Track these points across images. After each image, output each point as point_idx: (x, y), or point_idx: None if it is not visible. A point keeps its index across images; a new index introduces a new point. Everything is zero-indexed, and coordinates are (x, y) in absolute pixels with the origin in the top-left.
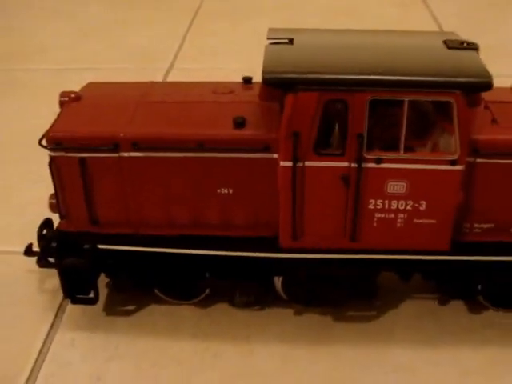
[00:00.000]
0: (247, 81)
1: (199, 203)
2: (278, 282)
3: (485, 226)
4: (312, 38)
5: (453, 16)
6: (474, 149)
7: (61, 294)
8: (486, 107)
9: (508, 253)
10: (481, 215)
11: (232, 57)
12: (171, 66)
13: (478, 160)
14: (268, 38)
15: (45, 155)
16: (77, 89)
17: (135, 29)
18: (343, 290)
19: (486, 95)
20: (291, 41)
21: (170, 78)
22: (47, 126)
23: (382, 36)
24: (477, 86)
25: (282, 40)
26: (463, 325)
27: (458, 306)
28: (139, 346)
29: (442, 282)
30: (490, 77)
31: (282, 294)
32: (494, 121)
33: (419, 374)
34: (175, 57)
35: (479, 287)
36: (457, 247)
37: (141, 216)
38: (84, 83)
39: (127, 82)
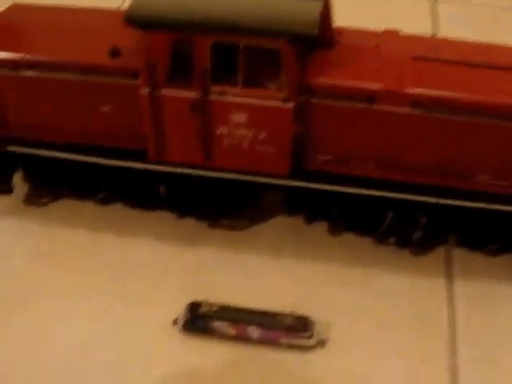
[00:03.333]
0: None
1: (85, 118)
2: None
3: (325, 157)
4: None
5: None
6: (309, 90)
7: None
8: (341, 50)
9: (347, 184)
10: (321, 148)
11: None
12: None
13: (314, 100)
14: None
15: None
16: None
17: None
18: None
19: (348, 38)
20: None
21: None
22: None
23: None
24: (300, 36)
25: None
26: (317, 241)
27: (321, 226)
28: (43, 231)
29: (294, 205)
30: (315, 29)
31: (166, 201)
32: (336, 65)
33: (263, 277)
34: None
35: (334, 212)
36: (301, 173)
37: (41, 124)
38: None
39: (48, 6)
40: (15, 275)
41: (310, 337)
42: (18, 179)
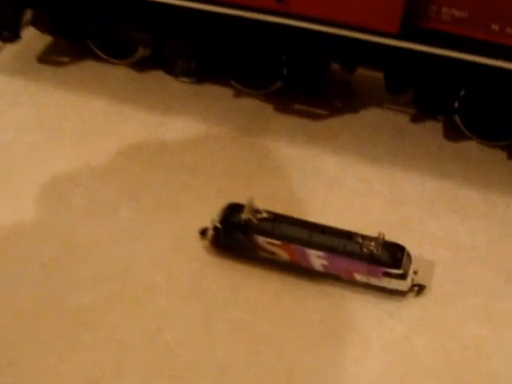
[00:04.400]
0: None
1: None
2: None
3: (457, 13)
4: None
5: None
6: None
7: None
8: None
9: (488, 54)
10: None
11: None
12: None
13: None
14: None
15: None
16: None
17: None
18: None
19: None
20: None
21: None
22: None
23: None
24: None
25: None
26: (427, 148)
27: (433, 129)
28: (53, 97)
29: (401, 84)
30: None
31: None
32: None
33: (341, 187)
34: None
35: (456, 105)
36: (415, 33)
37: None
38: None
39: None
40: (5, 147)
41: (403, 277)
42: (32, 32)
